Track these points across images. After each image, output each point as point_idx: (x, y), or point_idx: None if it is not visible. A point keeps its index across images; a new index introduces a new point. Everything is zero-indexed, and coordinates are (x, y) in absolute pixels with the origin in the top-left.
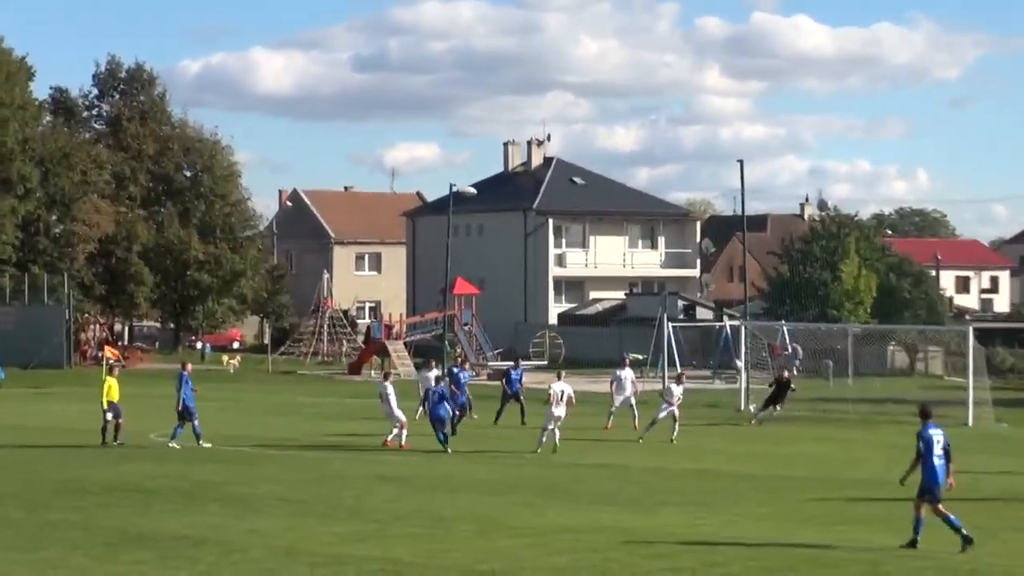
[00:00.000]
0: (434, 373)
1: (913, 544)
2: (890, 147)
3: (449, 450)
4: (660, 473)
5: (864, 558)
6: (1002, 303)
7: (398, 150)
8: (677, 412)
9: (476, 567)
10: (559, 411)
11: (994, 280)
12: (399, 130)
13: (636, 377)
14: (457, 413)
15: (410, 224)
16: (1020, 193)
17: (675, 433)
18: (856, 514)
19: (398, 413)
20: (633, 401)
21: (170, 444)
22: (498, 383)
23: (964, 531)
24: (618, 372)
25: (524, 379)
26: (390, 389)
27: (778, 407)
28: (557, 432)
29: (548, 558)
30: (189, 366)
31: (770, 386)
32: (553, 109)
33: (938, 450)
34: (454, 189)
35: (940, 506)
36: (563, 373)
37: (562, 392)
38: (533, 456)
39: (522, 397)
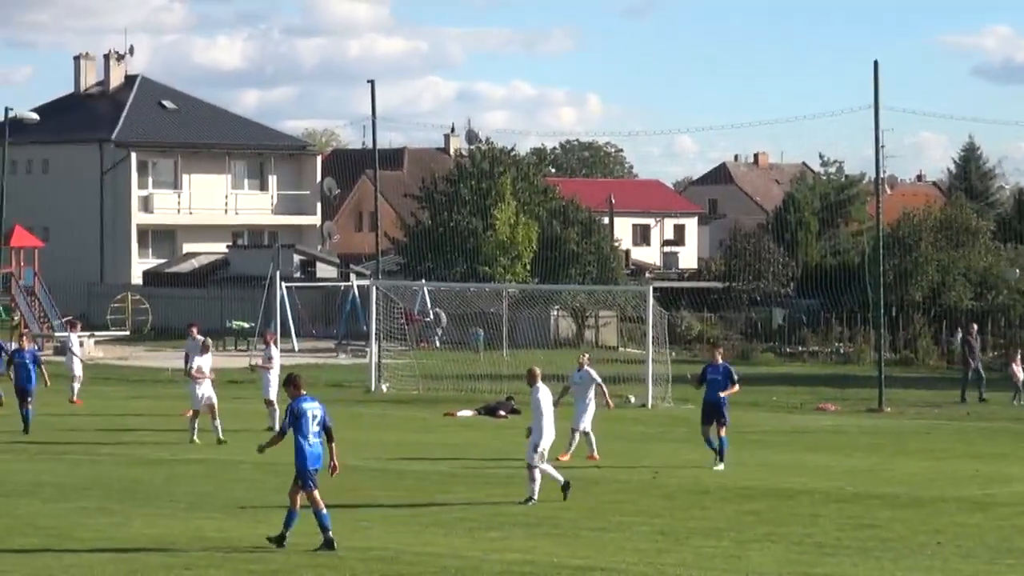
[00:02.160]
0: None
1: (281, 540)
2: (555, 67)
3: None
4: (270, 469)
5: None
6: (689, 257)
7: None
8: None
9: None
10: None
11: (679, 229)
12: None
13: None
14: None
15: None
16: (711, 123)
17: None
18: (513, 515)
19: None
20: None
21: None
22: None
23: (330, 534)
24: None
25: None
26: None
27: None
28: None
29: None
30: None
31: None
32: (139, 15)
33: (315, 427)
34: (11, 114)
35: (316, 493)
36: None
37: None
38: (112, 450)
39: None
